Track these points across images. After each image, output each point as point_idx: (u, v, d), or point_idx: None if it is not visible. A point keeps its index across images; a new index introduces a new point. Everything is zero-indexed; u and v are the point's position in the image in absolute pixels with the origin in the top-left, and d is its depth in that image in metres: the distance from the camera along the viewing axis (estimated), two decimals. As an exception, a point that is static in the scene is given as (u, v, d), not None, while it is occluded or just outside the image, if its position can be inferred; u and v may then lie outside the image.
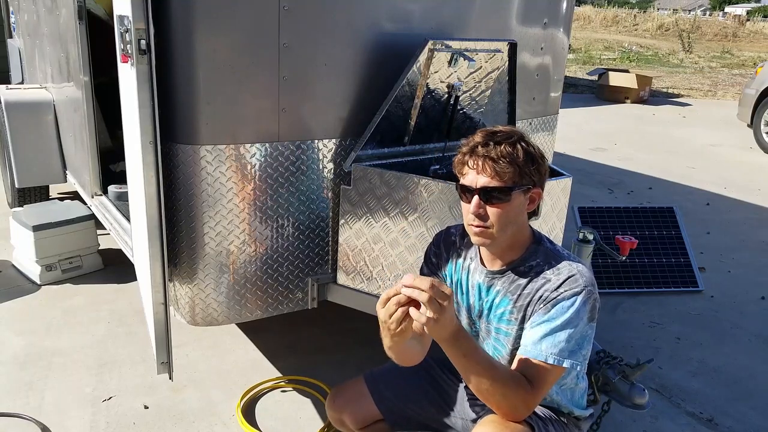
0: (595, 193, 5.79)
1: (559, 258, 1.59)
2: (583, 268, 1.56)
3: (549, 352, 1.49)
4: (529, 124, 2.93)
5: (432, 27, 2.40)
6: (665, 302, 3.64)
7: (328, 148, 2.30)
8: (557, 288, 1.53)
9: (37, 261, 3.46)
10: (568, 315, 1.50)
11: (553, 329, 1.50)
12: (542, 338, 1.50)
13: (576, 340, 1.50)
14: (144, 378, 2.67)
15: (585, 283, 1.52)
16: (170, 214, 2.20)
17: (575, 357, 1.50)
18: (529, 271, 1.59)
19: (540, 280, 1.57)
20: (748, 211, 5.50)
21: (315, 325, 3.14)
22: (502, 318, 1.64)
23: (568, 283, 1.52)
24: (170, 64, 2.04)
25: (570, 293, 1.51)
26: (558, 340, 1.49)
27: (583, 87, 13.10)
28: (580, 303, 1.50)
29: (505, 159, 1.49)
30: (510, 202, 1.51)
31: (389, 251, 2.22)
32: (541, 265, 1.59)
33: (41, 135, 3.95)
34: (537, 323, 1.53)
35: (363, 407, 1.83)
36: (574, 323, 1.50)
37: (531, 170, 1.52)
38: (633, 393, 1.98)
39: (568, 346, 1.49)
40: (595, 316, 1.54)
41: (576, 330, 1.50)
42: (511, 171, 1.49)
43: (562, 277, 1.54)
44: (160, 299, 2.04)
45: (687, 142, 8.42)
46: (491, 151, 1.49)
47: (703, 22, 26.48)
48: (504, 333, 1.64)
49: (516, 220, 1.55)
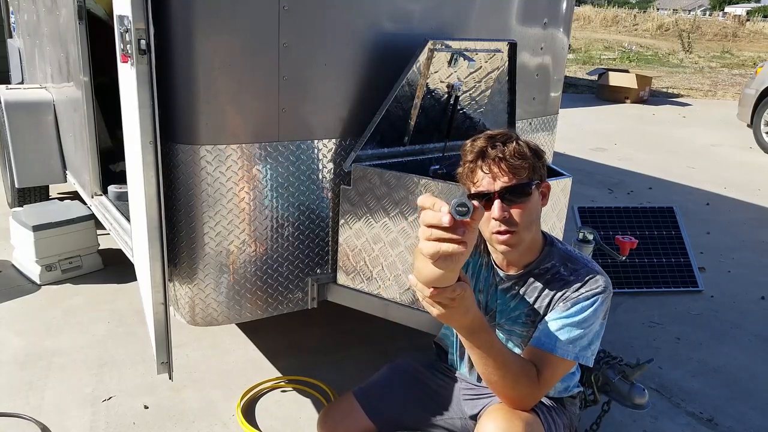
0: (595, 193, 5.79)
1: (573, 259, 1.62)
2: (599, 268, 1.60)
3: (563, 347, 1.51)
4: (529, 124, 2.93)
5: (432, 27, 2.40)
6: (665, 302, 3.64)
7: (328, 148, 2.30)
8: (579, 288, 1.55)
9: (37, 261, 3.46)
10: (586, 314, 1.53)
11: (570, 325, 1.52)
12: (558, 332, 1.52)
13: (589, 337, 1.53)
14: (144, 378, 2.67)
15: (605, 284, 1.56)
16: (170, 214, 2.20)
17: (585, 353, 1.54)
18: (545, 273, 1.60)
19: (558, 282, 1.58)
20: (748, 211, 5.50)
21: (315, 325, 3.14)
22: (517, 321, 1.65)
23: (590, 283, 1.55)
24: (170, 64, 2.04)
25: (592, 293, 1.54)
26: (573, 337, 1.52)
27: (583, 87, 13.10)
28: (599, 303, 1.54)
29: (517, 156, 1.48)
30: (530, 199, 1.50)
31: (389, 251, 2.22)
32: (557, 267, 1.59)
33: (41, 135, 3.95)
34: (554, 318, 1.55)
35: (357, 422, 1.80)
36: (590, 322, 1.53)
37: (539, 164, 1.53)
38: (633, 393, 1.98)
39: (581, 342, 1.53)
40: (608, 314, 1.59)
41: (590, 328, 1.53)
42: (526, 166, 1.48)
43: (581, 277, 1.56)
44: (160, 299, 2.04)
45: (687, 142, 8.42)
46: (503, 151, 1.48)
47: (703, 22, 26.49)
48: (518, 335, 1.65)
49: (537, 218, 1.55)
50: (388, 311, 2.29)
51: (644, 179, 6.38)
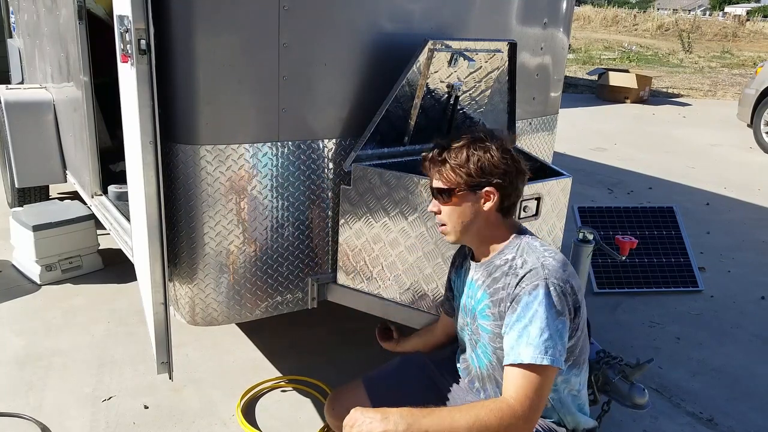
0: (595, 193, 5.79)
1: (531, 252, 1.58)
2: (550, 261, 1.53)
3: (525, 352, 1.44)
4: (529, 124, 2.93)
5: (432, 27, 2.40)
6: (665, 302, 3.64)
7: (328, 148, 2.30)
8: (518, 283, 1.52)
9: (37, 261, 3.47)
10: (532, 310, 1.47)
11: (523, 328, 1.47)
12: (517, 340, 1.47)
13: (550, 334, 1.45)
14: (144, 378, 2.67)
15: (546, 275, 1.49)
16: (170, 214, 2.20)
17: (552, 353, 1.44)
18: (504, 264, 1.61)
19: (510, 276, 1.57)
20: (748, 211, 5.50)
21: (315, 325, 3.14)
22: (483, 313, 1.65)
23: (529, 277, 1.51)
24: (170, 64, 2.04)
25: (530, 287, 1.49)
26: (531, 338, 1.45)
27: (583, 87, 13.10)
28: (543, 296, 1.47)
29: (446, 163, 1.62)
30: (454, 202, 1.62)
31: (389, 251, 2.22)
32: (514, 259, 1.59)
33: (41, 135, 3.94)
34: (509, 326, 1.51)
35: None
36: (542, 317, 1.46)
37: (474, 171, 1.58)
38: (633, 393, 1.98)
39: (542, 341, 1.44)
40: (566, 309, 1.49)
41: (546, 324, 1.45)
42: (452, 173, 1.61)
43: (524, 271, 1.53)
44: (160, 299, 2.04)
45: (687, 142, 8.42)
46: (437, 156, 1.64)
47: (703, 22, 26.47)
48: (485, 330, 1.64)
49: (472, 218, 1.63)
50: (388, 311, 2.29)
51: (644, 179, 6.38)
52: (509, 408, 1.41)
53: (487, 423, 1.39)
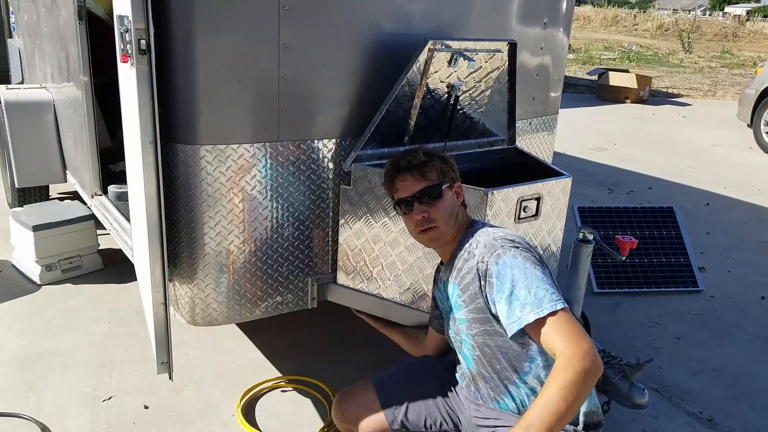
0: (595, 193, 5.79)
1: (483, 233, 1.67)
2: (499, 233, 1.64)
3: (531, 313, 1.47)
4: (529, 124, 2.93)
5: (432, 27, 2.40)
6: (665, 302, 3.64)
7: (328, 148, 2.30)
8: (481, 260, 1.59)
9: (37, 261, 3.47)
10: (509, 275, 1.52)
11: (510, 296, 1.51)
12: (511, 309, 1.50)
13: (537, 284, 1.49)
14: (144, 378, 2.67)
15: (501, 243, 1.58)
16: (170, 214, 2.20)
17: (551, 298, 1.47)
18: (463, 252, 1.69)
19: (470, 260, 1.64)
20: (748, 211, 5.50)
21: (315, 325, 3.14)
22: (457, 305, 1.69)
23: (486, 251, 1.59)
24: (170, 64, 2.04)
25: (493, 258, 1.56)
26: (523, 299, 1.48)
27: (583, 87, 13.11)
28: (510, 259, 1.54)
29: (424, 163, 1.71)
30: (444, 197, 1.71)
31: (389, 251, 2.22)
32: (470, 245, 1.68)
33: (41, 135, 3.95)
34: (496, 301, 1.55)
35: (375, 420, 1.83)
36: (520, 275, 1.51)
37: (447, 168, 1.75)
38: (633, 393, 1.98)
39: (539, 292, 1.48)
40: (534, 256, 1.57)
41: (528, 278, 1.50)
42: (434, 171, 1.71)
43: (480, 248, 1.62)
44: (160, 299, 2.04)
45: (687, 142, 8.42)
46: (410, 162, 1.72)
47: (703, 22, 26.47)
48: (462, 322, 1.67)
49: (455, 212, 1.73)
50: (388, 311, 2.29)
51: (644, 179, 6.38)
52: (569, 356, 1.39)
53: (570, 381, 1.36)
